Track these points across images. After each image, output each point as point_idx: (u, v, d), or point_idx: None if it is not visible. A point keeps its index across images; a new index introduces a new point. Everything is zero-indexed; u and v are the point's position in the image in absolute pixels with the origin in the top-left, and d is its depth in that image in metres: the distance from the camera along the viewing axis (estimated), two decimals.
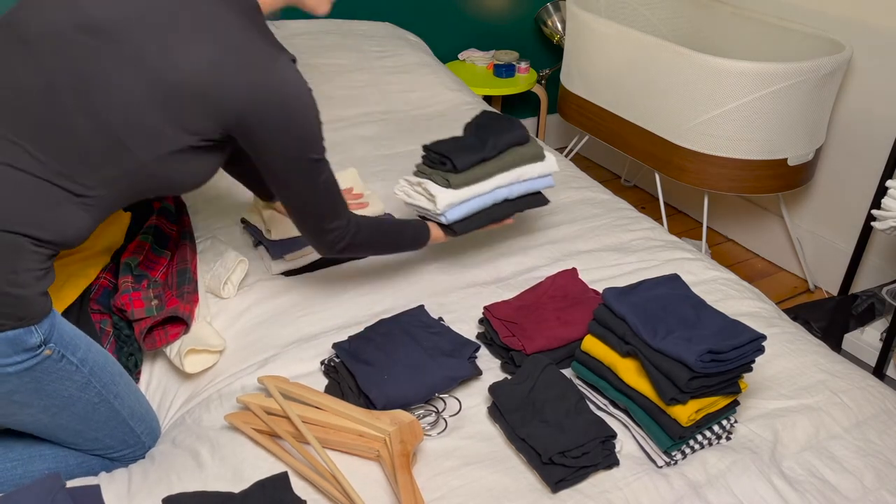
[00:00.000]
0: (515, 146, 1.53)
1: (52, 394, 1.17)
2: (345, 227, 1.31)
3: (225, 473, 1.18)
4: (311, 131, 1.18)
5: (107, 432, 1.27)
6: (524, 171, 1.53)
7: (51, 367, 1.15)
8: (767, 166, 2.28)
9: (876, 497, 1.19)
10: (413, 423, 1.19)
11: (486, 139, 1.50)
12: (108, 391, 1.25)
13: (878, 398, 1.37)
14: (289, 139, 1.16)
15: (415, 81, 2.46)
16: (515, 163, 1.52)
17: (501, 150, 1.51)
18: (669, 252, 1.76)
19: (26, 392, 1.14)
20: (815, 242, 2.64)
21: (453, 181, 1.43)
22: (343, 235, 1.32)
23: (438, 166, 1.48)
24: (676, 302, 1.26)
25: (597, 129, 2.68)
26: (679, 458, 1.20)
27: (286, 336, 1.45)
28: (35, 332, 1.11)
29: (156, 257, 1.55)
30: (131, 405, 1.29)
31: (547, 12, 3.13)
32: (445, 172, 1.46)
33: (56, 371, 1.16)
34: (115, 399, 1.26)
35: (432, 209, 1.46)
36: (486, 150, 1.48)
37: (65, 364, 1.17)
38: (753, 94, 2.15)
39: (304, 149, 1.18)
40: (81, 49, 1.09)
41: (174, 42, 1.09)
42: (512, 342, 1.37)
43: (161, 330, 1.41)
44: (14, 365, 1.10)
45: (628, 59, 2.43)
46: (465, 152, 1.46)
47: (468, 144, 1.48)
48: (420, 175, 1.51)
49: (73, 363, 1.18)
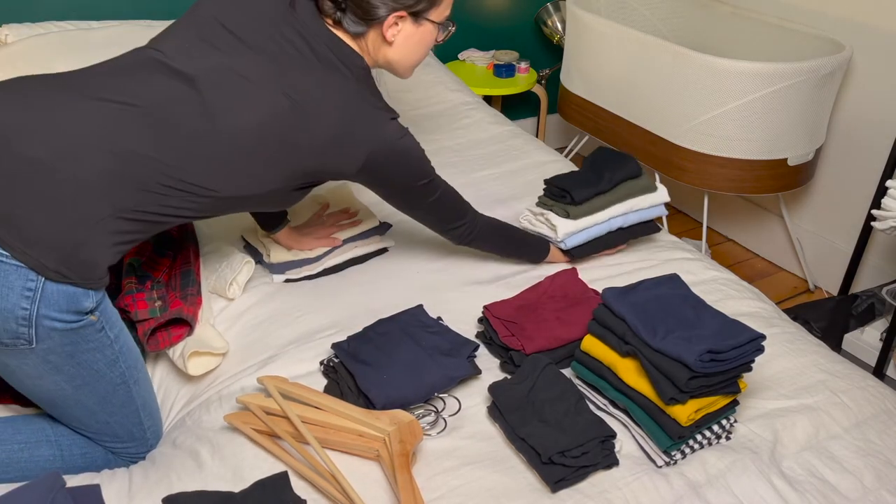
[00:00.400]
0: (629, 179, 1.66)
1: (83, 363, 1.21)
2: (470, 223, 1.52)
3: (225, 473, 1.18)
4: (419, 167, 1.38)
5: (118, 419, 1.29)
6: (637, 202, 1.66)
7: (91, 335, 1.20)
8: (767, 166, 2.28)
9: (876, 497, 1.19)
10: (412, 422, 1.19)
11: (602, 173, 1.64)
12: (129, 375, 1.28)
13: (878, 398, 1.37)
14: (402, 178, 1.37)
15: (415, 81, 2.46)
16: (629, 194, 1.66)
17: (617, 183, 1.65)
18: (669, 252, 1.76)
19: (62, 354, 1.18)
20: (815, 242, 2.64)
21: (572, 212, 1.60)
22: (470, 231, 1.53)
23: (559, 199, 1.64)
24: (676, 302, 1.26)
25: (597, 129, 2.68)
26: (678, 457, 1.20)
27: (285, 336, 1.45)
28: (91, 297, 1.18)
29: (158, 258, 1.55)
30: (145, 396, 1.32)
31: (547, 12, 3.13)
32: (565, 204, 1.62)
33: (94, 340, 1.21)
34: (134, 385, 1.29)
35: (553, 237, 1.62)
36: (602, 183, 1.63)
37: (103, 336, 1.22)
38: (753, 94, 2.15)
39: (416, 180, 1.38)
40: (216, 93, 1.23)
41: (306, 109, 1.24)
42: (511, 342, 1.37)
43: (164, 332, 1.41)
44: (63, 322, 1.15)
45: (628, 59, 2.43)
46: (582, 186, 1.61)
47: (586, 179, 1.64)
48: (542, 206, 1.67)
49: (110, 337, 1.24)
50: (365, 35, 1.35)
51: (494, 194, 1.96)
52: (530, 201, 1.92)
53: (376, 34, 1.35)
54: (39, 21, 2.21)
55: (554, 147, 3.50)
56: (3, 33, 2.06)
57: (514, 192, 1.98)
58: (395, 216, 1.77)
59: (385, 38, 1.35)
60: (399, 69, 1.43)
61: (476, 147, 2.19)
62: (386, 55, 1.38)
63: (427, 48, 1.42)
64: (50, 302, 1.13)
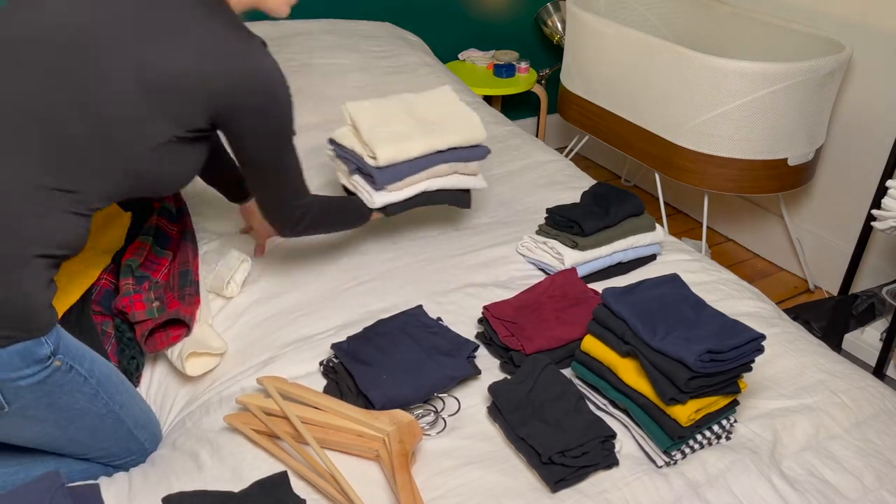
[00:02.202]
0: (632, 216, 1.70)
1: (63, 407, 1.18)
2: (308, 204, 1.40)
3: (224, 474, 1.18)
4: (286, 110, 1.25)
5: (112, 442, 1.28)
6: (638, 240, 1.69)
7: (61, 379, 1.16)
8: (767, 166, 2.28)
9: (876, 497, 1.19)
10: (412, 422, 1.19)
11: (609, 208, 1.68)
12: (113, 402, 1.26)
13: (877, 398, 1.37)
14: (268, 118, 1.23)
15: (415, 81, 2.46)
16: (632, 231, 1.68)
17: (622, 219, 1.68)
18: (669, 252, 1.76)
19: (39, 407, 1.15)
20: (815, 242, 2.64)
21: (581, 243, 1.61)
22: (306, 212, 1.40)
23: (566, 229, 1.66)
24: (676, 302, 1.26)
25: (597, 129, 2.68)
26: (678, 457, 1.20)
27: (285, 337, 1.45)
28: (45, 344, 1.12)
29: (157, 258, 1.55)
30: (135, 415, 1.31)
31: (547, 12, 3.13)
32: (573, 235, 1.64)
33: (66, 383, 1.17)
34: (121, 410, 1.27)
35: (557, 266, 1.62)
36: (609, 218, 1.66)
37: (73, 375, 1.18)
38: (753, 94, 2.15)
39: (281, 126, 1.26)
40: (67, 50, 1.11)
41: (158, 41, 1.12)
42: (511, 342, 1.37)
43: (162, 332, 1.41)
44: (26, 378, 1.11)
45: (628, 59, 2.43)
46: (591, 218, 1.65)
47: (592, 212, 1.67)
48: (544, 235, 1.68)
49: (82, 374, 1.19)
50: None
51: (495, 195, 1.96)
52: (531, 202, 1.92)
53: None
54: None
55: (554, 147, 3.50)
56: None
57: (514, 192, 1.98)
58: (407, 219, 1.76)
59: None
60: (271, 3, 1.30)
61: None
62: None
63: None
64: (5, 366, 1.08)
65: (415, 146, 1.54)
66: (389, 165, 1.52)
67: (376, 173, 1.52)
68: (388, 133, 1.54)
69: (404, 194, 1.57)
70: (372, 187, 1.55)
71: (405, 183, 1.55)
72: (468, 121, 1.64)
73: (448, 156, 1.60)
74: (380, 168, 1.52)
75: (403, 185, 1.55)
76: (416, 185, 1.59)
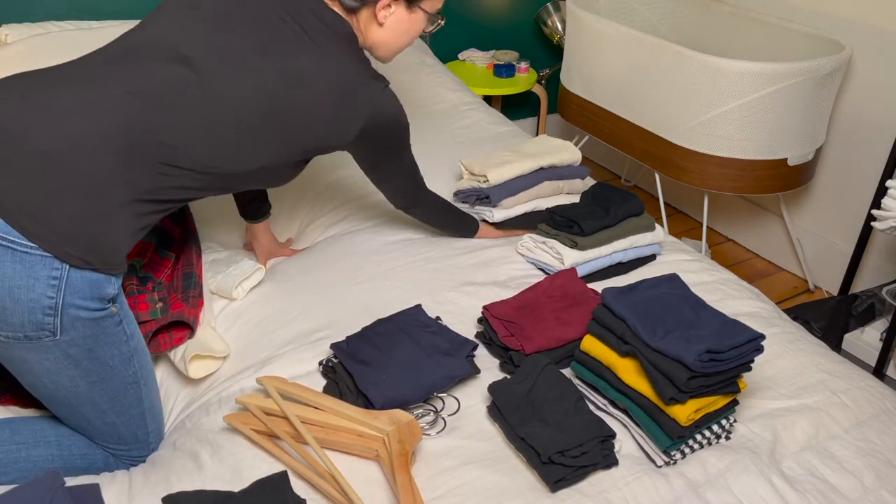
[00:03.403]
0: (632, 216, 1.71)
1: (100, 358, 1.22)
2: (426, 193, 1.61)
3: (224, 474, 1.18)
4: (406, 133, 1.43)
5: (125, 419, 1.29)
6: (637, 239, 1.70)
7: (111, 328, 1.22)
8: (767, 166, 2.28)
9: (876, 497, 1.19)
10: (411, 422, 1.19)
11: (608, 208, 1.69)
12: (141, 375, 1.29)
13: (877, 398, 1.37)
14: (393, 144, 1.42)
15: (415, 81, 2.46)
16: (632, 231, 1.70)
17: (622, 219, 1.69)
18: (669, 252, 1.76)
19: (83, 348, 1.19)
20: (815, 242, 2.64)
21: (580, 243, 1.63)
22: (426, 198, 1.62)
23: (565, 229, 1.67)
24: (675, 302, 1.26)
25: (597, 129, 2.67)
26: (678, 457, 1.20)
27: (284, 337, 1.45)
28: (113, 283, 1.20)
29: (160, 259, 1.55)
30: (152, 399, 1.33)
31: (547, 12, 3.13)
32: (573, 235, 1.64)
33: (113, 334, 1.22)
34: (144, 386, 1.30)
35: (557, 266, 1.63)
36: (609, 218, 1.67)
37: (120, 331, 1.24)
38: (753, 94, 2.15)
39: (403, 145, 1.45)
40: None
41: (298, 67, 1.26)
42: (511, 342, 1.37)
43: (166, 334, 1.41)
44: (87, 311, 1.17)
45: (628, 59, 2.43)
46: (591, 218, 1.66)
47: (593, 212, 1.68)
48: (544, 235, 1.70)
49: (127, 333, 1.26)
50: (358, 12, 1.37)
51: None
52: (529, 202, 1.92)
53: (369, 13, 1.37)
54: (39, 21, 2.21)
55: None
56: (4, 33, 2.06)
57: None
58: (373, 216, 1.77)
59: (376, 18, 1.37)
60: (382, 52, 1.45)
61: (476, 147, 2.19)
62: (373, 36, 1.40)
63: (414, 36, 1.45)
64: (75, 289, 1.15)
65: (518, 166, 1.80)
66: (499, 184, 1.77)
67: (490, 192, 1.76)
68: (496, 162, 1.82)
69: (516, 211, 1.79)
70: (489, 207, 1.79)
71: (516, 200, 1.78)
72: (563, 146, 1.91)
73: (550, 173, 1.84)
74: (492, 187, 1.77)
75: (515, 201, 1.78)
76: (527, 203, 1.81)
